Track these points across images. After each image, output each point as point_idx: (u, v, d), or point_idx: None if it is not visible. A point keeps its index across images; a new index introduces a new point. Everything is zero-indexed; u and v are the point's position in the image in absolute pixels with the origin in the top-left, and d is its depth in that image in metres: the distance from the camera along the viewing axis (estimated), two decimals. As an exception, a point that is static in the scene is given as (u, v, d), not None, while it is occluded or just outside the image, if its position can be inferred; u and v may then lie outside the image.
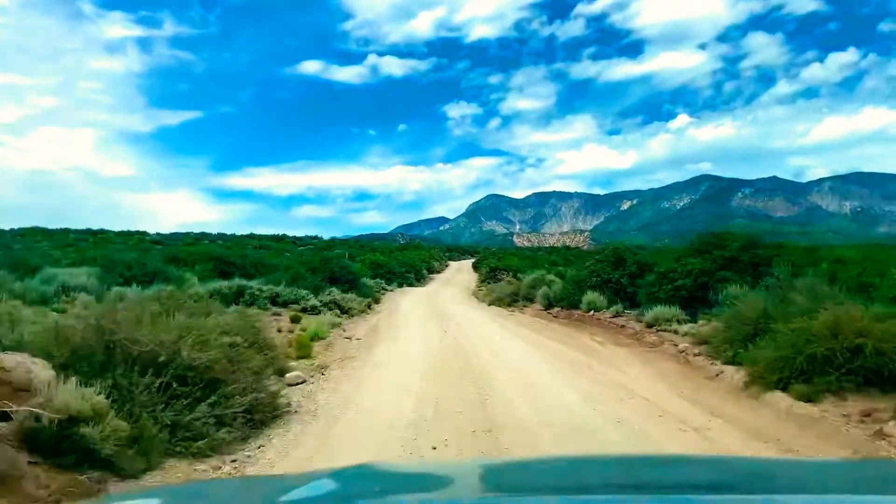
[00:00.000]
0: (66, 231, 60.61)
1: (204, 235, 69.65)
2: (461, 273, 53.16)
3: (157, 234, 68.69)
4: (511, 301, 22.64)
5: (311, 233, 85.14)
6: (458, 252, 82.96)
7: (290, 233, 78.22)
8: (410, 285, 37.74)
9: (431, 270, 52.99)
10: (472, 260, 71.25)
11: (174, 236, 68.06)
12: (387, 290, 31.44)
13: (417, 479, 2.11)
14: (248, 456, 5.40)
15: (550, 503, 1.46)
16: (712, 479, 1.80)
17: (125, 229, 65.81)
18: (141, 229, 69.44)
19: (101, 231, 61.89)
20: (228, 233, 75.12)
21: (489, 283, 34.12)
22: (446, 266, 61.50)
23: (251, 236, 71.28)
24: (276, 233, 76.39)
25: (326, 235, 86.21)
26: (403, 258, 45.12)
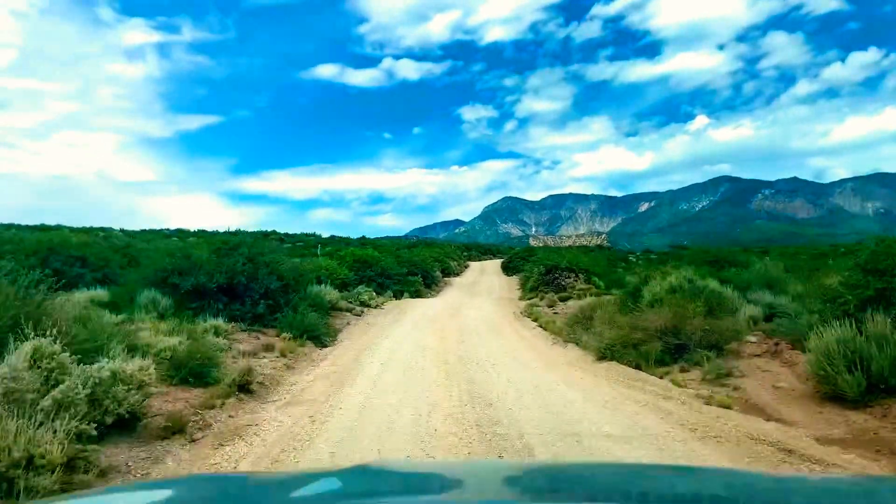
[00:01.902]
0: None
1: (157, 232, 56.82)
2: (485, 275, 39.54)
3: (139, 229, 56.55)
4: (640, 341, 8.88)
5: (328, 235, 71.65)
6: (478, 251, 69.30)
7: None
8: (416, 294, 24.32)
9: (448, 272, 39.50)
10: (497, 260, 57.88)
11: (141, 233, 55.52)
12: (370, 305, 18.00)
13: (419, 479, 2.06)
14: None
15: None
16: (716, 491, 1.72)
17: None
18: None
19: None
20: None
21: (543, 294, 20.54)
22: (465, 267, 48.00)
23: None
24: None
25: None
26: (410, 256, 31.58)
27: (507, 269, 40.17)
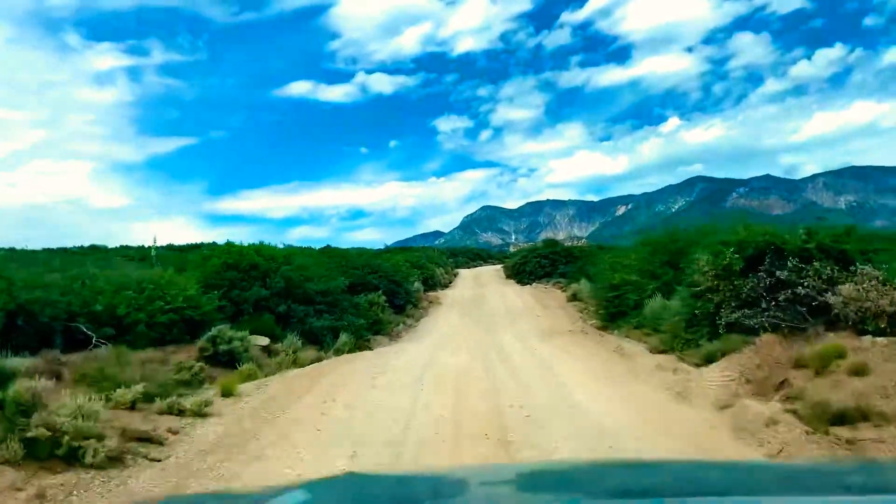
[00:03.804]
0: None
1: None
2: (488, 285, 28.05)
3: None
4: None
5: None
6: (466, 257, 57.61)
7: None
8: (375, 330, 12.69)
9: (433, 282, 27.82)
10: (491, 266, 46.45)
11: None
12: (203, 413, 6.26)
13: (400, 485, 1.90)
14: None
15: None
16: (718, 483, 1.67)
17: None
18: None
19: None
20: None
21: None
22: (455, 276, 36.34)
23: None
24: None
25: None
26: (371, 261, 19.57)
27: (520, 276, 28.54)
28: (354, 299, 13.33)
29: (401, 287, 17.91)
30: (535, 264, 27.48)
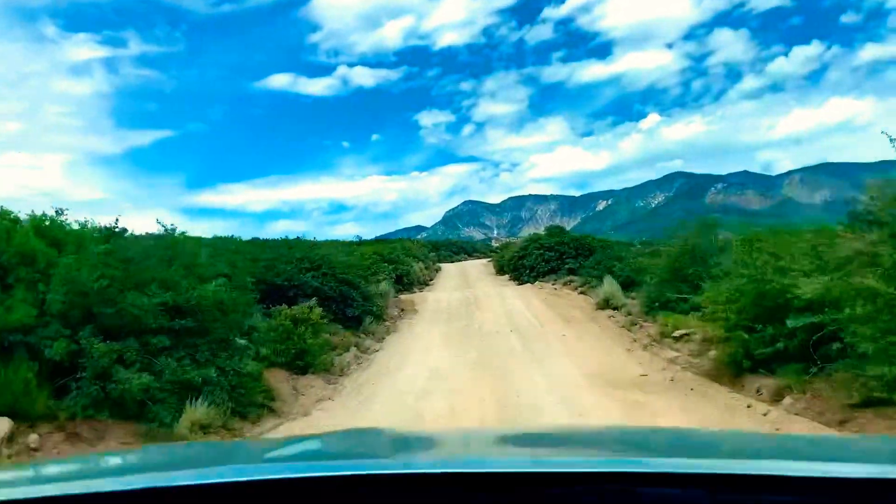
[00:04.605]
0: None
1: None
2: (475, 285, 22.30)
3: None
4: None
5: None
6: (449, 250, 51.55)
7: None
8: (258, 407, 6.65)
9: (409, 282, 21.91)
10: (478, 261, 40.85)
11: None
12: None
13: (400, 442, 1.93)
14: None
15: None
16: (715, 446, 1.67)
17: None
18: None
19: None
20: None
21: None
22: (437, 271, 30.38)
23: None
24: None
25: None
26: (317, 256, 13.19)
27: (517, 273, 22.70)
28: (252, 321, 7.32)
29: (356, 290, 11.93)
30: (538, 258, 21.57)
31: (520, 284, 21.46)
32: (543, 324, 12.01)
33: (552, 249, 21.72)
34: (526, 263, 22.18)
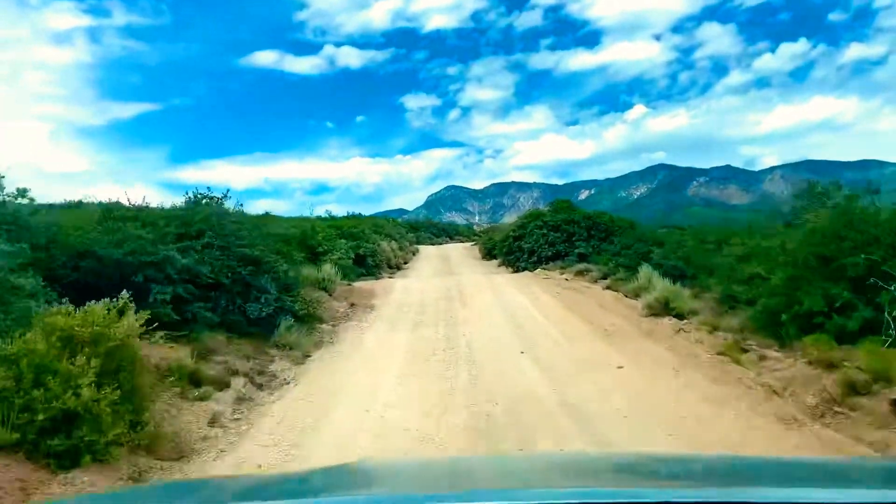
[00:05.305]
0: None
1: None
2: (462, 272, 17.58)
3: None
4: None
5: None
6: (431, 232, 46.59)
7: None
8: None
9: (374, 265, 17.04)
10: (461, 244, 36.19)
11: None
12: None
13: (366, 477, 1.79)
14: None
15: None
16: (725, 473, 1.62)
17: None
18: None
19: None
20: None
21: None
22: (413, 253, 25.54)
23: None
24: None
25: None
26: (199, 220, 8.32)
27: (512, 258, 18.02)
28: None
29: (268, 273, 7.15)
30: (540, 239, 16.83)
31: (516, 272, 16.75)
32: (571, 339, 7.33)
33: (558, 230, 17.01)
34: (524, 246, 17.44)
